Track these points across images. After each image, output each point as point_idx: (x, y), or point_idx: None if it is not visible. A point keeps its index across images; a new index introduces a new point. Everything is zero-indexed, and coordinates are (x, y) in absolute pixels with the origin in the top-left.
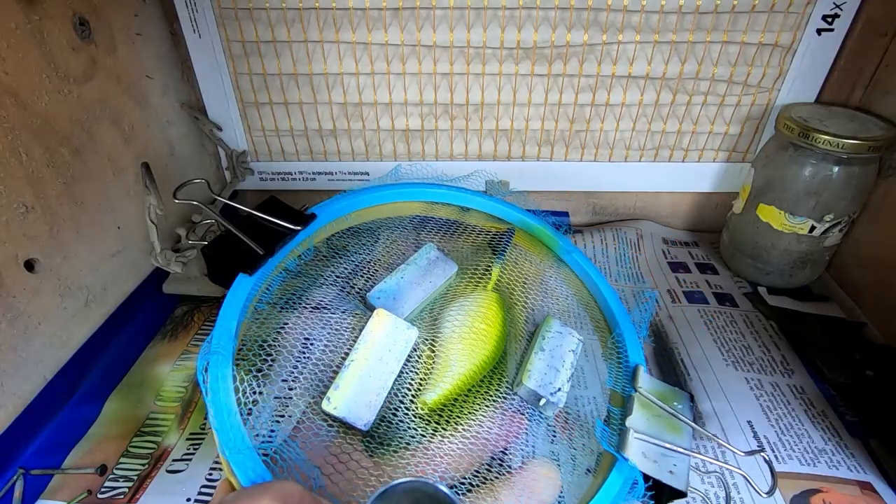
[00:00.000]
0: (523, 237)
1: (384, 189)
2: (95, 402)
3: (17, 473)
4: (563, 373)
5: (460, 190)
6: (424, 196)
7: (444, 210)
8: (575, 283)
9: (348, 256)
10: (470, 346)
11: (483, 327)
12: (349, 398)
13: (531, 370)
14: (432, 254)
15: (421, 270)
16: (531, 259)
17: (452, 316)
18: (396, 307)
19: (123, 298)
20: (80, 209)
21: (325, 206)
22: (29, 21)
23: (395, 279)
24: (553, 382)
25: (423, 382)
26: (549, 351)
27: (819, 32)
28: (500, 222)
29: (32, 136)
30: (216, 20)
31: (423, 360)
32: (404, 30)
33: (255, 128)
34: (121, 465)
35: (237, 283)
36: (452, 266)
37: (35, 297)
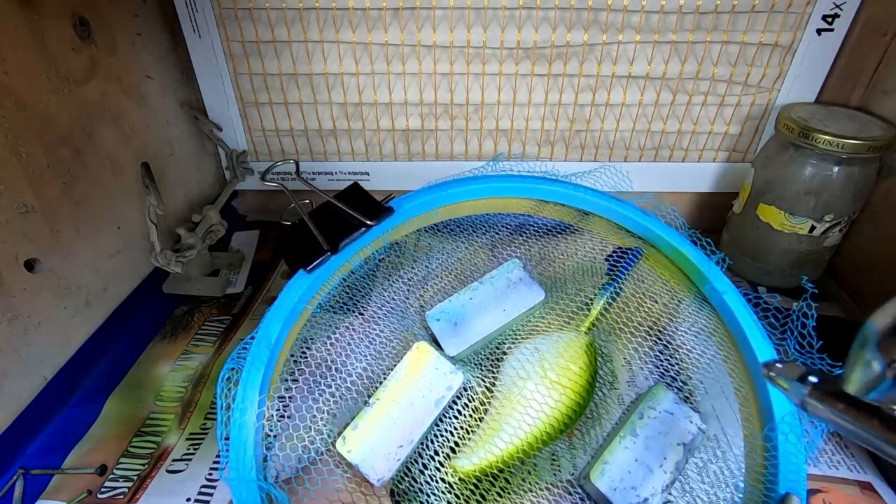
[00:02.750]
0: (655, 261)
1: (483, 181)
2: (95, 402)
3: (17, 473)
4: (659, 476)
5: (580, 189)
6: (534, 192)
7: (555, 211)
8: (721, 338)
9: (424, 261)
10: (534, 406)
11: (559, 382)
12: (367, 444)
13: (609, 462)
14: (515, 273)
15: (496, 292)
16: (658, 294)
17: (521, 360)
18: (455, 335)
19: (123, 298)
20: (80, 209)
21: (407, 200)
22: (29, 21)
23: (463, 299)
24: (638, 488)
25: (462, 441)
26: (646, 438)
27: (819, 32)
28: (624, 235)
29: (32, 136)
30: (216, 20)
31: (470, 410)
32: (404, 30)
33: (255, 128)
34: (121, 465)
35: (292, 282)
36: (538, 292)
37: (35, 297)
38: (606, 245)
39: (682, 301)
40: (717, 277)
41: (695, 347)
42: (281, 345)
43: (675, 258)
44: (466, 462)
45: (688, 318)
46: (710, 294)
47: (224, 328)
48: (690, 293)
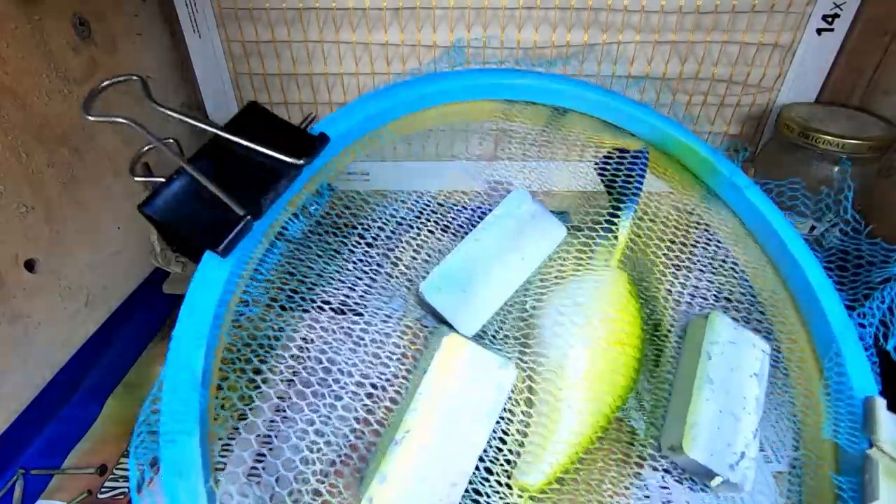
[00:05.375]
0: (658, 163)
1: (432, 82)
2: (95, 402)
3: (17, 473)
4: (747, 421)
5: (556, 79)
6: (497, 92)
7: (530, 115)
8: (745, 243)
9: (385, 208)
10: (595, 381)
11: (618, 341)
12: (407, 500)
13: (696, 424)
14: (525, 207)
15: (506, 236)
16: (676, 203)
17: (561, 320)
18: (467, 306)
19: (123, 298)
20: (80, 209)
21: (341, 118)
22: (29, 21)
23: (464, 253)
24: (733, 443)
25: (518, 450)
26: (722, 382)
27: (819, 32)
28: (620, 136)
29: (32, 136)
30: (216, 20)
31: (513, 404)
32: (404, 30)
33: None
34: (121, 465)
35: (202, 273)
36: (559, 228)
37: (35, 297)
38: (602, 151)
39: (707, 205)
40: (732, 170)
41: (740, 256)
42: (210, 379)
43: (683, 155)
44: (535, 476)
45: (720, 224)
46: (725, 192)
47: None
48: (703, 195)
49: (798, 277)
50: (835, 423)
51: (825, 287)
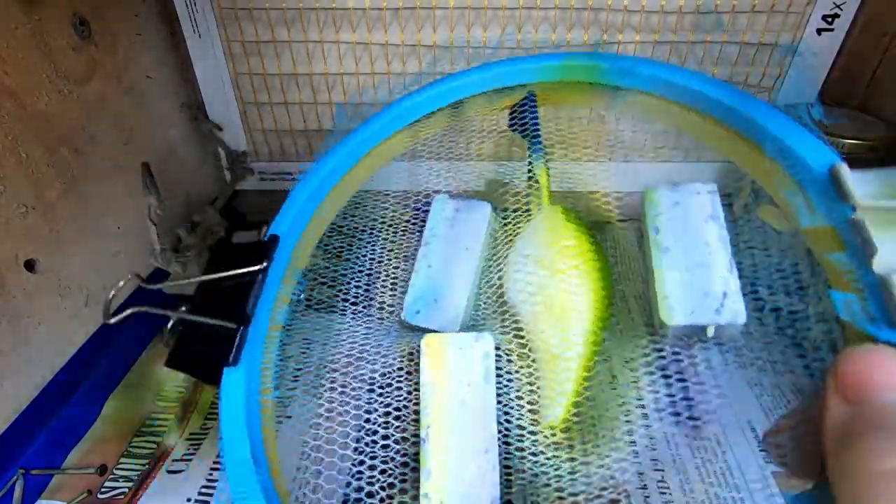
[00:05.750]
0: (551, 93)
1: (341, 148)
2: (95, 402)
3: (17, 473)
4: (718, 262)
5: (443, 82)
6: (396, 123)
7: (433, 123)
8: (664, 109)
9: (351, 263)
10: (566, 310)
11: (573, 271)
12: (455, 483)
13: (667, 295)
14: (448, 208)
15: (447, 239)
16: (578, 117)
17: (520, 278)
18: (445, 311)
19: (123, 298)
20: (80, 209)
21: (283, 216)
22: (29, 21)
23: (423, 272)
24: (710, 290)
25: (535, 399)
26: (677, 244)
27: (819, 32)
28: (509, 95)
29: (32, 136)
30: (216, 20)
31: (515, 365)
32: (404, 30)
33: (255, 128)
34: (121, 465)
35: (226, 384)
36: (483, 207)
37: (35, 297)
38: (498, 114)
39: (600, 107)
40: (616, 62)
41: (643, 138)
42: (265, 460)
43: (568, 73)
44: (554, 410)
45: (618, 116)
46: (620, 80)
47: None
48: (602, 96)
49: (723, 110)
50: (804, 204)
51: (751, 100)
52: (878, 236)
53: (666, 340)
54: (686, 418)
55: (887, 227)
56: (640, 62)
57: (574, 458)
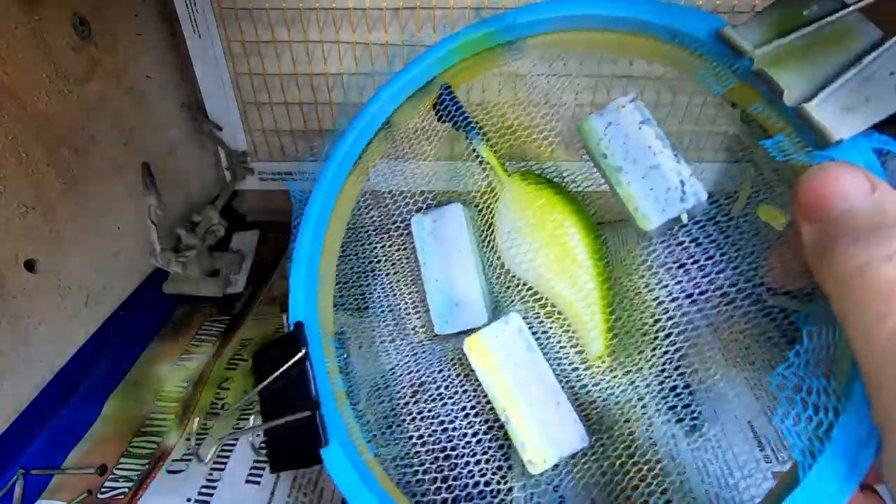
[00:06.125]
0: (461, 73)
1: (310, 214)
2: (95, 402)
3: (17, 473)
4: (665, 158)
5: (362, 114)
6: (342, 170)
7: (375, 150)
8: (563, 42)
9: (372, 308)
10: (565, 258)
11: (553, 224)
12: (545, 442)
13: (637, 206)
14: (426, 223)
15: (439, 251)
16: (490, 79)
17: (515, 251)
18: (467, 311)
19: (123, 298)
20: (80, 209)
21: (295, 301)
22: (29, 21)
23: (434, 288)
24: (669, 183)
25: (573, 343)
26: (626, 159)
27: None
28: (428, 93)
29: (32, 136)
30: (216, 20)
31: (546, 324)
32: (404, 30)
33: (255, 128)
34: (121, 465)
35: (332, 467)
36: (454, 208)
37: (35, 297)
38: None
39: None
40: (508, 18)
41: (563, 85)
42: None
43: (466, 47)
44: (595, 343)
45: (533, 69)
46: (512, 35)
47: (224, 328)
48: (500, 56)
49: (638, 23)
50: (711, 75)
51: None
52: (779, 74)
53: (653, 241)
54: (686, 418)
55: (784, 62)
56: (519, 11)
57: (629, 370)
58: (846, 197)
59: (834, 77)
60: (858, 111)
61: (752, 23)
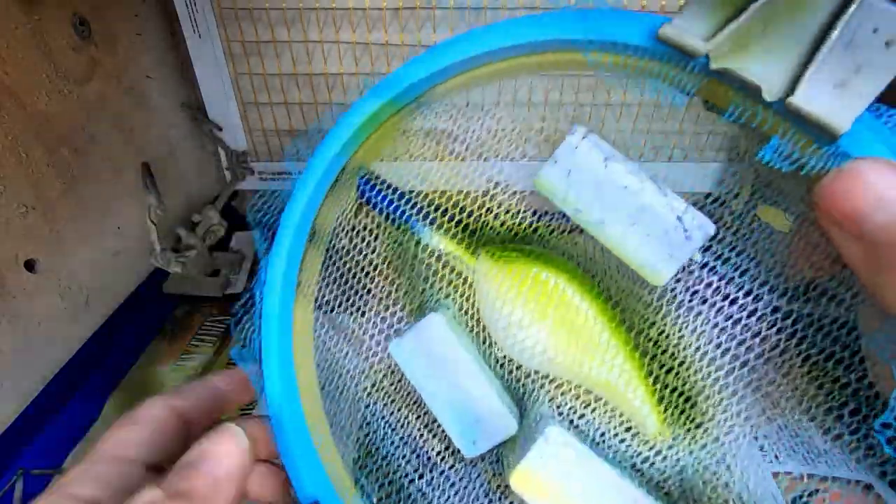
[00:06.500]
0: (372, 151)
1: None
2: (95, 402)
3: (17, 473)
4: (649, 195)
5: (279, 244)
6: (284, 326)
7: (312, 265)
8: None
9: (382, 452)
10: (579, 337)
11: (547, 302)
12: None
13: (637, 258)
14: (406, 347)
15: (434, 370)
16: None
17: (518, 343)
18: (492, 420)
19: (123, 298)
20: (80, 209)
21: (302, 484)
22: (29, 21)
23: (443, 410)
24: (666, 225)
25: (627, 427)
26: (603, 209)
27: None
28: (347, 187)
29: (32, 136)
30: (216, 20)
31: (589, 416)
32: (404, 30)
33: (255, 128)
34: None
35: None
36: (431, 318)
37: (35, 297)
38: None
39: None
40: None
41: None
42: None
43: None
44: (650, 420)
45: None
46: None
47: (224, 328)
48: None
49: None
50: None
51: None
52: (746, 66)
53: (669, 290)
54: (688, 418)
55: (746, 48)
56: (412, 67)
57: (695, 438)
58: (885, 205)
59: (811, 52)
60: (853, 85)
61: (690, 9)
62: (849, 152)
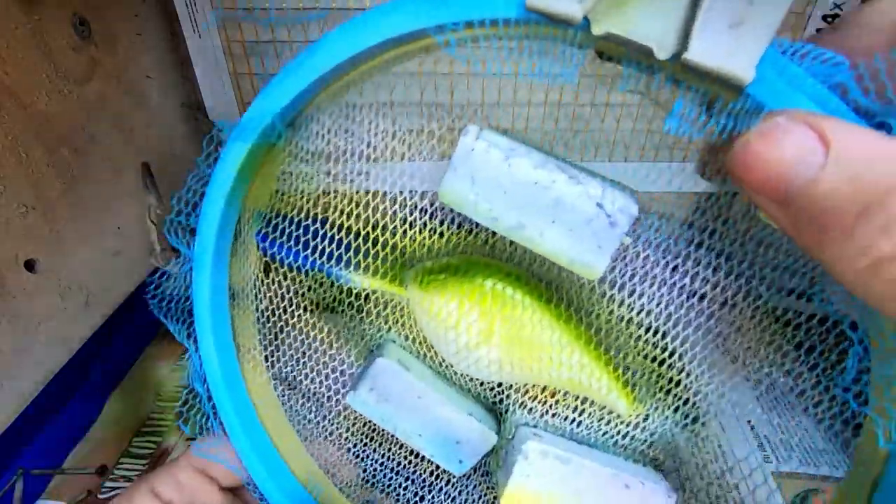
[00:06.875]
0: (259, 193)
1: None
2: (95, 402)
3: (17, 473)
4: (561, 186)
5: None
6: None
7: (247, 332)
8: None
9: (374, 470)
10: (530, 343)
11: (488, 315)
12: None
13: (565, 255)
14: (364, 394)
15: (399, 411)
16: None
17: (473, 367)
18: (471, 437)
19: (123, 298)
20: (80, 209)
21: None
22: (29, 21)
23: (420, 440)
24: (587, 215)
25: (601, 416)
26: (521, 212)
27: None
28: (244, 249)
29: (32, 136)
30: (216, 20)
31: (562, 416)
32: None
33: None
34: (121, 465)
35: None
36: (381, 366)
37: (35, 297)
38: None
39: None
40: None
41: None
42: None
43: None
44: (621, 403)
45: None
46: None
47: None
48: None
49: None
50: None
51: None
52: (632, 25)
53: (608, 275)
54: (687, 418)
55: (626, 3)
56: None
57: (667, 405)
58: (800, 171)
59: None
60: (750, 20)
61: None
62: (762, 102)
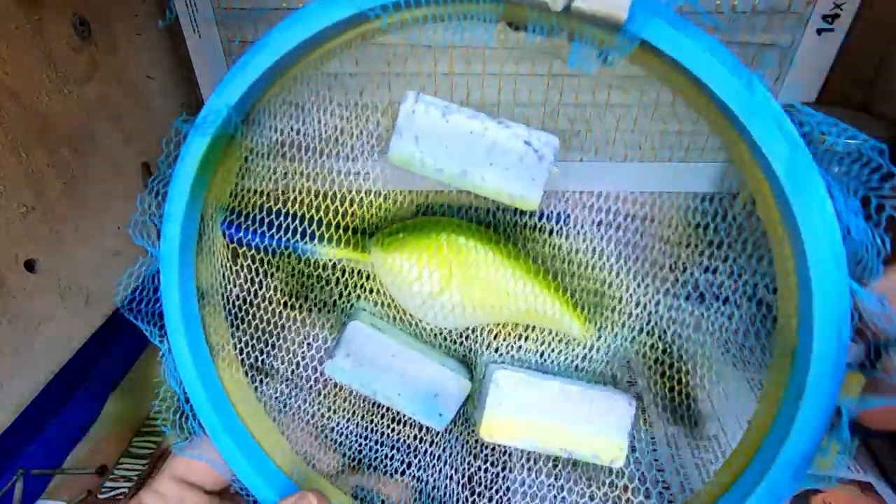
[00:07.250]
0: (220, 184)
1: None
2: (95, 402)
3: (17, 473)
4: (493, 131)
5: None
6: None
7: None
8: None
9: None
10: (487, 284)
11: (445, 266)
12: (601, 432)
13: (506, 192)
14: (340, 360)
15: (376, 371)
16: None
17: (438, 316)
18: (449, 387)
19: None
20: (80, 209)
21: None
22: (29, 21)
23: (400, 398)
24: (519, 153)
25: (559, 340)
26: (458, 158)
27: (819, 32)
28: (211, 247)
29: (32, 136)
30: (216, 20)
31: (521, 343)
32: None
33: None
34: (121, 465)
35: None
36: (354, 329)
37: (35, 297)
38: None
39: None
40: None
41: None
42: None
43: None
44: (574, 326)
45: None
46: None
47: None
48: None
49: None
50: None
51: None
52: None
53: (546, 211)
54: (688, 418)
55: None
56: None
57: (614, 321)
58: None
59: None
60: None
61: None
62: (638, 34)
